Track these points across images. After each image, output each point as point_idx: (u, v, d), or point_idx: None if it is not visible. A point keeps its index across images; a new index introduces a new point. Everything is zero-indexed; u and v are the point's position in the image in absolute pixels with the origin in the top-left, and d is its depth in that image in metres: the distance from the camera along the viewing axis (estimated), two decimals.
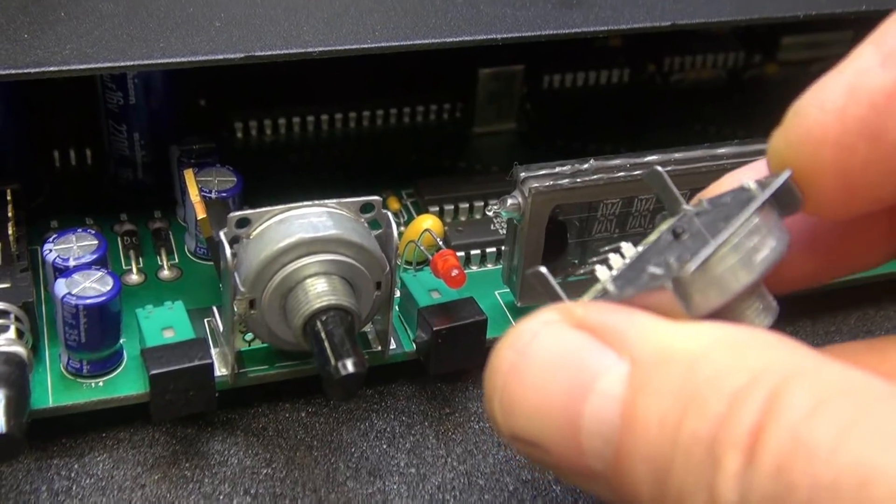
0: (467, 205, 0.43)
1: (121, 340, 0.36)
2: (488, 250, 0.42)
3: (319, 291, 0.33)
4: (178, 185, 0.41)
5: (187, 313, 0.36)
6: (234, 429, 0.37)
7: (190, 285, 0.39)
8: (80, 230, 0.36)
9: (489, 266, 0.42)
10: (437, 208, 0.43)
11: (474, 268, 0.42)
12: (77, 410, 0.35)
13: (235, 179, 0.39)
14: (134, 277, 0.39)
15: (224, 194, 0.39)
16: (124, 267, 0.40)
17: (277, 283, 0.33)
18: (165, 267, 0.40)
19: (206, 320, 0.38)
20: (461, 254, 0.41)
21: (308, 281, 0.34)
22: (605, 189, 0.37)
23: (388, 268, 0.35)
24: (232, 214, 0.34)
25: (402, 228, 0.43)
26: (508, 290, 0.39)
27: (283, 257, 0.33)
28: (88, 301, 0.33)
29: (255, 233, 0.34)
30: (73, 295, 0.33)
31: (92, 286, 0.34)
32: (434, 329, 0.36)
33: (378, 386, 0.38)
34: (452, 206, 0.43)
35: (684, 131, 0.51)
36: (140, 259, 0.40)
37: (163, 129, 0.42)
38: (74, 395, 0.35)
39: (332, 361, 0.32)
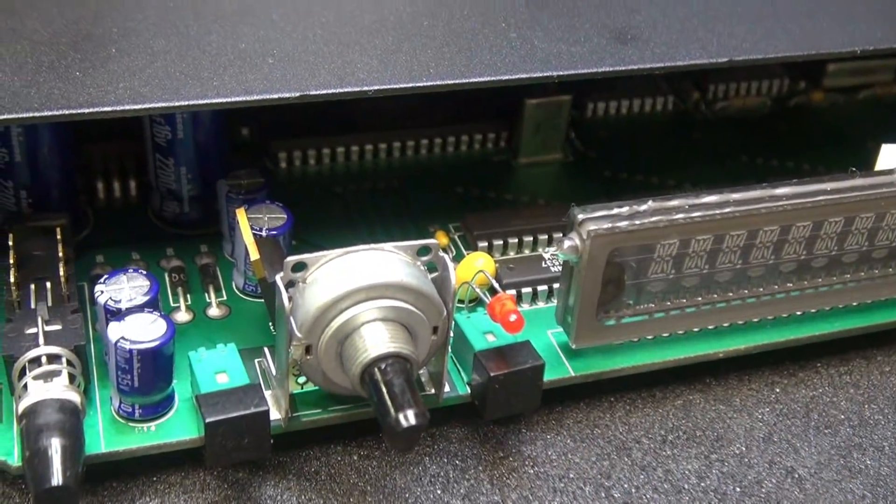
0: (516, 240, 0.43)
1: (173, 383, 0.35)
2: (540, 288, 0.41)
3: (378, 338, 0.33)
4: (226, 220, 0.40)
5: (240, 355, 0.35)
6: (287, 473, 0.36)
7: (239, 323, 0.39)
8: (131, 270, 0.36)
9: (540, 304, 0.41)
10: (486, 243, 0.43)
11: (525, 306, 0.41)
12: (129, 456, 0.34)
13: (285, 216, 0.39)
14: (183, 316, 0.39)
15: (275, 232, 0.38)
16: (172, 304, 0.39)
17: (335, 329, 0.33)
18: (214, 304, 0.39)
19: (256, 361, 0.37)
20: (512, 292, 0.40)
21: (366, 327, 0.33)
22: (664, 231, 0.37)
23: (445, 312, 0.34)
24: (289, 259, 0.33)
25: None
26: (562, 329, 0.39)
27: (342, 303, 0.33)
28: (142, 346, 0.33)
29: (311, 277, 0.33)
30: (126, 339, 0.33)
31: (145, 330, 0.33)
32: (491, 375, 0.35)
33: (430, 428, 0.38)
34: (501, 242, 0.43)
35: (732, 162, 0.50)
36: (188, 296, 0.40)
37: (210, 163, 0.42)
38: (127, 439, 0.34)
39: (393, 413, 0.31)
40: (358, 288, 0.33)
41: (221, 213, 0.41)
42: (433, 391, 0.37)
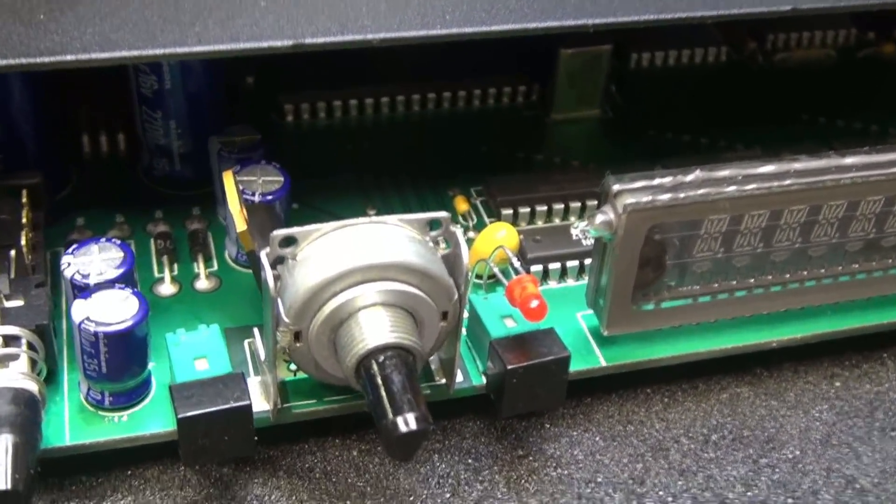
0: (545, 207, 0.38)
1: (149, 366, 0.31)
2: (569, 264, 0.36)
3: (376, 327, 0.28)
4: (218, 181, 0.36)
5: (224, 338, 0.31)
6: (276, 469, 0.32)
7: (229, 298, 0.35)
8: (103, 240, 0.32)
9: (570, 282, 0.36)
10: (511, 211, 0.38)
11: (552, 284, 0.36)
12: (98, 449, 0.30)
13: (282, 180, 0.34)
14: (167, 288, 0.35)
15: (269, 198, 0.34)
16: (156, 275, 0.35)
17: (327, 314, 0.29)
18: (202, 276, 0.35)
19: (245, 342, 0.33)
20: (538, 268, 0.36)
21: (363, 313, 0.29)
22: (712, 206, 0.32)
23: (456, 296, 0.30)
24: (275, 233, 0.29)
25: (471, 234, 0.38)
26: (592, 312, 0.34)
27: (335, 285, 0.28)
28: (109, 328, 0.29)
29: (302, 254, 0.29)
30: (91, 321, 0.29)
31: (114, 309, 0.29)
32: (508, 368, 0.31)
33: (441, 421, 0.34)
34: (528, 209, 0.38)
35: (791, 121, 0.45)
36: (174, 266, 0.36)
37: (203, 116, 0.37)
38: (95, 431, 0.30)
39: (390, 415, 0.27)
40: (355, 268, 0.28)
41: (214, 170, 0.36)
42: (443, 381, 0.32)
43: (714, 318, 0.35)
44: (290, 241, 0.29)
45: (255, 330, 0.33)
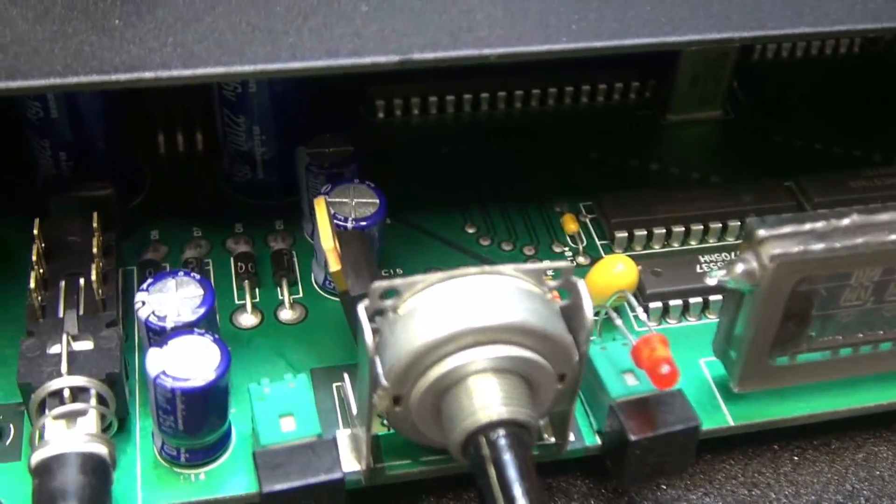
0: (663, 230, 0.34)
1: (228, 418, 0.28)
2: (692, 301, 0.33)
3: (488, 397, 0.25)
4: (306, 196, 0.33)
5: (311, 385, 0.28)
6: None
7: (316, 331, 0.32)
8: (181, 273, 0.28)
9: (691, 320, 0.33)
10: (626, 234, 0.34)
11: (672, 322, 0.33)
12: None
13: (378, 202, 0.31)
14: (247, 319, 0.32)
15: (364, 223, 0.30)
16: (237, 301, 0.32)
17: (432, 380, 0.25)
18: (286, 304, 0.32)
19: (334, 385, 0.30)
20: (656, 305, 0.32)
21: (472, 381, 0.25)
22: (870, 258, 0.28)
23: (577, 357, 0.26)
24: (376, 285, 0.25)
25: (581, 259, 0.34)
26: (717, 359, 0.30)
27: (442, 348, 0.25)
28: (188, 385, 0.26)
29: (405, 307, 0.26)
30: (168, 376, 0.26)
31: (193, 360, 0.26)
32: (632, 440, 0.27)
33: (545, 478, 0.30)
34: (644, 231, 0.34)
35: None
36: (256, 291, 0.32)
37: (290, 120, 0.34)
38: (169, 491, 0.27)
39: None
40: (466, 330, 0.25)
41: (301, 184, 0.33)
42: (553, 439, 0.29)
43: (856, 374, 0.31)
44: (391, 293, 0.26)
45: (346, 375, 0.29)
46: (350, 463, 0.28)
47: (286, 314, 0.32)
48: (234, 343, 0.30)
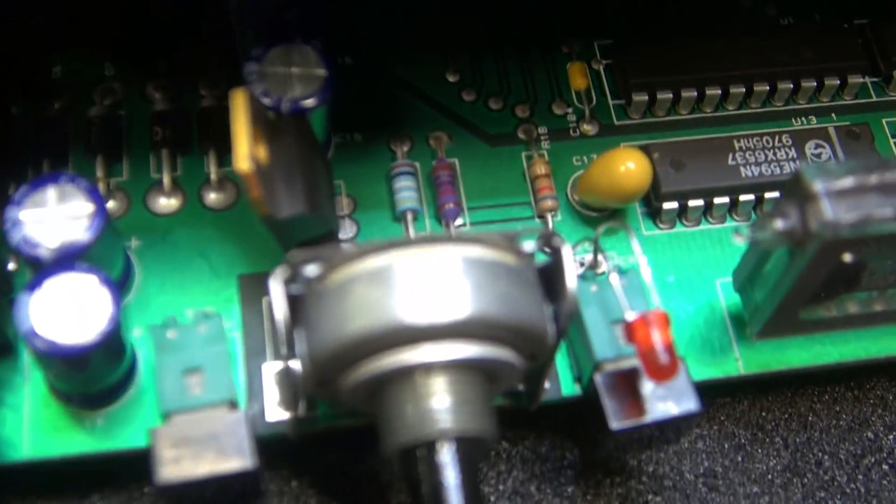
0: (694, 92, 0.27)
1: (124, 360, 0.23)
2: (717, 200, 0.26)
3: (433, 407, 0.20)
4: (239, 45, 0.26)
5: (240, 303, 0.23)
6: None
7: (248, 221, 0.25)
8: (63, 177, 0.22)
9: (712, 223, 0.27)
10: (645, 96, 0.27)
11: (689, 226, 0.26)
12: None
13: (324, 73, 0.24)
14: (165, 201, 0.26)
15: (305, 105, 0.23)
16: (152, 174, 0.26)
17: (366, 378, 0.20)
18: (212, 182, 0.26)
19: (265, 301, 0.24)
20: (672, 206, 0.26)
21: (415, 381, 0.20)
22: None
23: (552, 341, 0.21)
24: (291, 253, 0.19)
25: (586, 126, 0.27)
26: (733, 286, 0.25)
27: (378, 342, 0.20)
28: (65, 345, 0.21)
29: (334, 279, 0.20)
30: (38, 335, 0.21)
31: (76, 309, 0.21)
32: (615, 428, 0.22)
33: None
34: (669, 94, 0.27)
35: None
36: (177, 162, 0.26)
37: None
38: (60, 441, 0.23)
39: None
40: (408, 326, 0.19)
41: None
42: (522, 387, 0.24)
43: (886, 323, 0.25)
44: (312, 262, 0.20)
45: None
46: (275, 411, 0.23)
47: (212, 197, 0.26)
48: (148, 235, 0.25)
